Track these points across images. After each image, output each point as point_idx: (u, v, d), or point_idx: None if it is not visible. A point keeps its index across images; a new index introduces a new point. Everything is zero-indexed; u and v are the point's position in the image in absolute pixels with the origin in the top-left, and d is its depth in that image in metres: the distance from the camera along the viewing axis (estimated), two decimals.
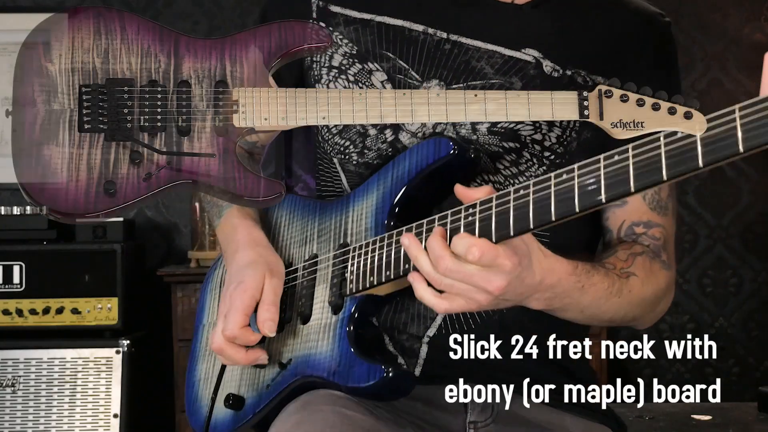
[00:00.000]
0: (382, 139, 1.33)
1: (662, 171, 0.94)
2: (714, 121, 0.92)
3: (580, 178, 1.01)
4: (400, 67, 1.32)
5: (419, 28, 1.33)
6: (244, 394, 1.37)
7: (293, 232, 1.42)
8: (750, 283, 3.75)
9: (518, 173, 1.30)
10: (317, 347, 1.27)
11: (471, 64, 1.31)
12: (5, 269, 3.13)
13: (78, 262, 3.13)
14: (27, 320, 3.12)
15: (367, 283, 1.23)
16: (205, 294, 1.55)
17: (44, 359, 3.06)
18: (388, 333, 1.32)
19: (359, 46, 1.35)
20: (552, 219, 1.03)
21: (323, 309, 1.29)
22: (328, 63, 1.36)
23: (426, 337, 1.30)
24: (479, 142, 1.29)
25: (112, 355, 3.05)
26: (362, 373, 1.19)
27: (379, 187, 1.29)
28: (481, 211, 1.10)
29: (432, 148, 1.24)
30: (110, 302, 3.11)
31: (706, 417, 2.37)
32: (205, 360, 1.49)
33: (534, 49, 1.31)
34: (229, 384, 1.40)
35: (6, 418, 3.03)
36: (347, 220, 1.32)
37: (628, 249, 1.29)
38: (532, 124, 1.30)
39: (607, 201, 0.99)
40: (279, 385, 1.31)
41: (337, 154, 1.37)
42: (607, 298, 1.21)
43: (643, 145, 0.97)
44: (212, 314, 1.52)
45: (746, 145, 0.89)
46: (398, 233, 1.20)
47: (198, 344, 1.53)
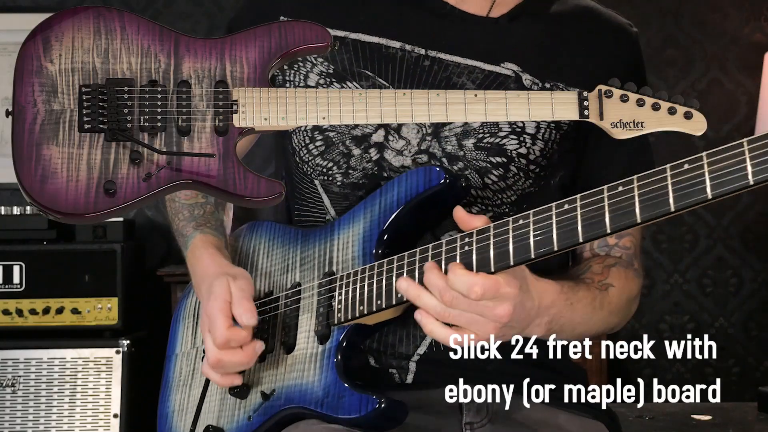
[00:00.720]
0: (366, 159, 1.31)
1: (669, 202, 0.94)
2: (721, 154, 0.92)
3: (583, 209, 1.02)
4: (380, 84, 1.31)
5: (396, 44, 1.32)
6: (223, 426, 1.35)
7: (273, 260, 1.41)
8: (750, 283, 3.75)
9: (506, 187, 1.30)
10: (303, 377, 1.26)
11: (452, 80, 1.30)
12: (5, 269, 3.13)
13: (78, 262, 3.13)
14: (27, 320, 3.12)
15: (357, 313, 1.21)
16: (177, 323, 1.54)
17: (44, 359, 3.06)
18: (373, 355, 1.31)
19: (335, 64, 1.33)
20: (555, 249, 1.03)
21: (308, 338, 1.28)
22: (304, 82, 1.35)
23: (416, 355, 1.30)
24: (466, 158, 1.29)
25: (112, 355, 3.05)
26: (353, 403, 1.18)
27: (367, 214, 1.27)
28: (478, 240, 1.10)
29: (423, 177, 1.23)
30: (110, 302, 3.11)
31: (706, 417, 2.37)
32: (179, 390, 1.47)
33: (513, 63, 1.31)
34: (208, 416, 1.38)
35: (6, 418, 3.03)
36: (332, 248, 1.31)
37: (602, 262, 1.30)
38: (516, 137, 1.29)
39: (613, 232, 0.99)
40: (261, 416, 1.29)
41: (319, 176, 1.35)
42: (593, 312, 1.23)
43: (648, 177, 0.97)
44: (185, 344, 1.50)
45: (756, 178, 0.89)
46: (388, 262, 1.19)
47: (171, 374, 1.51)
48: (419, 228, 1.26)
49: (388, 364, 1.29)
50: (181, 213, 1.46)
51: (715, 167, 0.92)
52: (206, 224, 1.43)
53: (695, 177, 0.91)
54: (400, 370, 1.29)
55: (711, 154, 0.92)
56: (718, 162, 0.91)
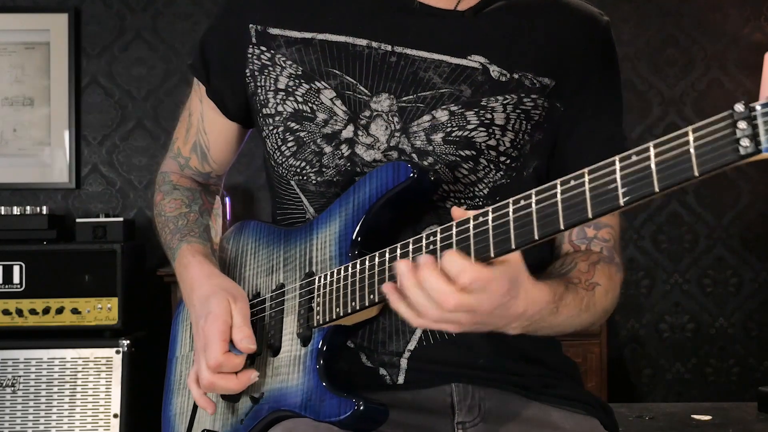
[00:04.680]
0: (338, 155, 1.31)
1: (618, 197, 0.93)
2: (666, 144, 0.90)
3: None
4: (348, 83, 1.31)
5: (363, 42, 1.32)
6: (218, 429, 1.35)
7: (260, 260, 1.41)
8: (750, 283, 3.75)
9: (477, 180, 1.30)
10: (288, 380, 1.26)
11: (419, 75, 1.30)
12: (5, 269, 3.13)
13: (78, 262, 3.13)
14: (27, 320, 3.12)
15: (334, 315, 1.21)
16: (177, 326, 1.54)
17: (44, 359, 3.06)
18: (365, 352, 1.30)
19: (304, 66, 1.33)
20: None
21: (292, 341, 1.28)
22: (274, 86, 1.35)
23: (407, 351, 1.30)
24: (435, 152, 1.29)
25: (112, 355, 3.05)
26: (333, 406, 1.18)
27: (341, 214, 1.27)
28: (450, 236, 1.07)
29: (391, 173, 1.22)
30: (110, 302, 3.11)
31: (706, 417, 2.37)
32: (179, 394, 1.48)
33: (479, 55, 1.31)
34: (204, 420, 1.39)
35: (6, 418, 3.03)
36: (311, 249, 1.31)
37: (587, 259, 1.29)
38: (485, 129, 1.29)
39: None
40: (252, 420, 1.30)
41: (294, 176, 1.35)
42: (577, 315, 1.22)
43: (599, 169, 0.95)
44: (184, 346, 1.50)
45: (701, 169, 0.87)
46: (361, 262, 1.19)
47: (172, 377, 1.52)
48: (394, 223, 1.26)
49: (380, 362, 1.29)
50: (167, 227, 1.47)
51: (660, 158, 0.90)
52: (190, 233, 1.44)
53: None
54: (392, 370, 1.29)
55: (657, 144, 0.91)
56: (664, 153, 0.90)
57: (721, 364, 3.74)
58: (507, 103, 1.29)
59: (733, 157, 0.84)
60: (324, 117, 1.31)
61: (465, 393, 1.30)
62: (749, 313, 3.74)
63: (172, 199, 1.50)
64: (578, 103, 1.34)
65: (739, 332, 3.74)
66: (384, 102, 1.30)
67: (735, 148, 0.84)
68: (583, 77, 1.35)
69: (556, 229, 0.98)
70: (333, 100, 1.31)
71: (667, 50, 3.76)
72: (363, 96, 1.31)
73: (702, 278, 3.75)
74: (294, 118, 1.33)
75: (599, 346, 3.19)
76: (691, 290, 3.75)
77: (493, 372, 1.30)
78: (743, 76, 3.73)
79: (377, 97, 1.30)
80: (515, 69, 1.31)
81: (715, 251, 3.75)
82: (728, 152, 0.84)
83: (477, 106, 1.29)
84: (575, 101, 1.34)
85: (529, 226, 1.00)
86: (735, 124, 0.84)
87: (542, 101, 1.31)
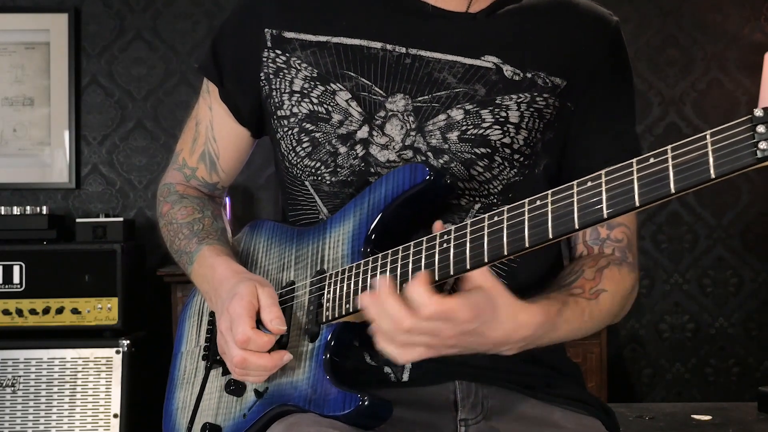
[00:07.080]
0: (353, 155, 1.32)
1: (635, 197, 0.95)
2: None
3: (554, 204, 1.01)
4: (363, 84, 1.32)
5: (377, 45, 1.33)
6: (221, 423, 1.35)
7: (271, 258, 1.41)
8: (750, 283, 3.75)
9: (492, 178, 1.31)
10: (294, 375, 1.26)
11: (434, 76, 1.31)
12: (5, 269, 3.13)
13: (78, 262, 3.13)
14: (27, 320, 3.12)
15: (343, 311, 1.22)
16: (184, 322, 1.54)
17: (44, 359, 3.06)
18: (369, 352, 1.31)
19: (319, 68, 1.34)
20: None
21: (300, 336, 1.28)
22: (289, 89, 1.36)
23: None
24: (451, 150, 1.30)
25: (112, 355, 3.05)
26: (338, 401, 1.18)
27: (356, 213, 1.29)
28: (454, 239, 1.10)
29: (408, 175, 1.23)
30: (110, 302, 3.11)
31: (706, 417, 2.37)
32: (183, 388, 1.48)
33: (493, 55, 1.32)
34: (206, 413, 1.39)
35: (6, 418, 3.04)
36: (324, 247, 1.32)
37: (594, 265, 1.30)
38: (500, 127, 1.30)
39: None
40: (255, 414, 1.30)
41: (309, 177, 1.37)
42: (579, 326, 1.24)
43: (615, 171, 0.97)
44: (190, 342, 1.50)
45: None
46: (373, 260, 1.20)
47: (176, 371, 1.52)
48: (409, 224, 1.27)
49: (385, 360, 1.29)
50: (181, 232, 1.46)
51: (678, 161, 0.92)
52: (209, 236, 1.43)
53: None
54: (396, 368, 1.30)
55: (675, 147, 0.92)
56: (681, 156, 0.92)
57: (721, 364, 3.74)
58: (521, 101, 1.31)
59: (750, 160, 0.87)
60: (339, 118, 1.32)
61: (468, 390, 1.31)
62: (749, 313, 3.74)
63: (182, 207, 1.49)
64: (588, 102, 1.36)
65: (739, 332, 3.74)
66: (399, 102, 1.32)
67: (753, 151, 0.86)
68: (594, 77, 1.36)
69: (570, 229, 1.00)
70: (348, 102, 1.33)
71: (667, 50, 3.77)
72: (378, 97, 1.32)
73: (702, 278, 3.75)
74: (309, 119, 1.34)
75: (599, 346, 3.19)
76: (691, 290, 3.75)
77: (496, 370, 1.31)
78: (743, 76, 3.73)
79: (392, 98, 1.32)
80: (528, 68, 1.32)
81: (715, 251, 3.75)
82: (746, 155, 0.87)
83: (492, 105, 1.30)
84: (585, 101, 1.35)
85: (544, 225, 1.02)
86: (754, 128, 0.86)
87: (554, 100, 1.33)
